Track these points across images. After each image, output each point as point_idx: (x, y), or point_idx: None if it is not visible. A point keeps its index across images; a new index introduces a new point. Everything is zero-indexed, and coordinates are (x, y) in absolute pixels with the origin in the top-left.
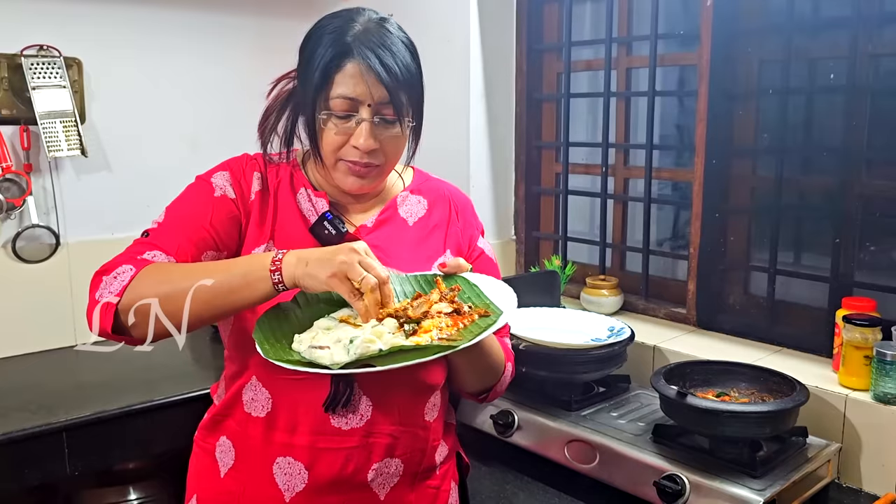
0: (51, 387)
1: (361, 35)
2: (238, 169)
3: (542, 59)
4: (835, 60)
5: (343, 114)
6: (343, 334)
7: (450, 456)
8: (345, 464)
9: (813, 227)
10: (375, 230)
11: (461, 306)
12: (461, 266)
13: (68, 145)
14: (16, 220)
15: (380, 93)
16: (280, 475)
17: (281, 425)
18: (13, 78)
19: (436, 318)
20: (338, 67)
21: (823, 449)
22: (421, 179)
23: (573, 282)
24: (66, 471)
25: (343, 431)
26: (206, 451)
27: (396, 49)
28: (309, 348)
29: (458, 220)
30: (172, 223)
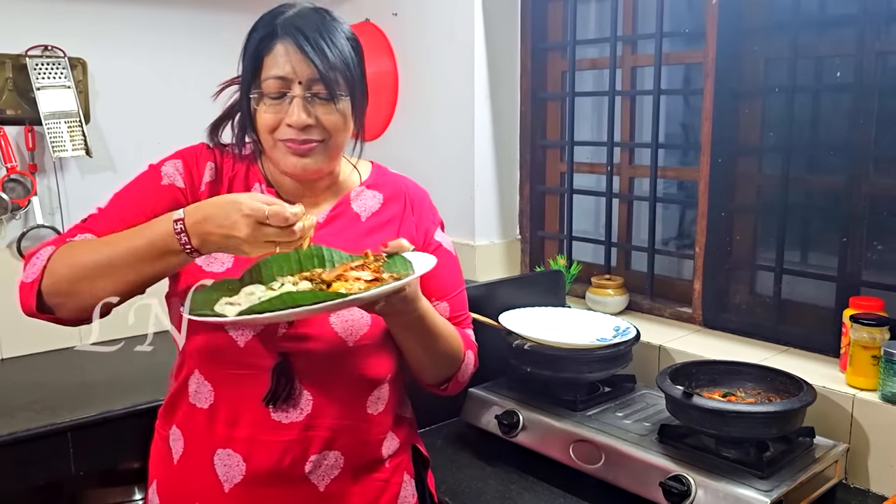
0: (56, 387)
1: (292, 18)
2: (191, 158)
3: (547, 57)
4: (841, 58)
5: (276, 93)
6: (257, 295)
7: (402, 449)
8: (281, 456)
9: (820, 225)
10: (326, 225)
11: (381, 274)
12: (402, 246)
13: (73, 145)
14: (21, 221)
15: (309, 70)
16: (220, 466)
17: (222, 418)
18: (18, 78)
19: (350, 281)
20: (267, 49)
21: (831, 449)
22: (378, 174)
23: (578, 281)
24: (72, 470)
25: (283, 425)
26: (162, 438)
27: (328, 32)
28: (224, 305)
29: (413, 214)
30: (113, 208)
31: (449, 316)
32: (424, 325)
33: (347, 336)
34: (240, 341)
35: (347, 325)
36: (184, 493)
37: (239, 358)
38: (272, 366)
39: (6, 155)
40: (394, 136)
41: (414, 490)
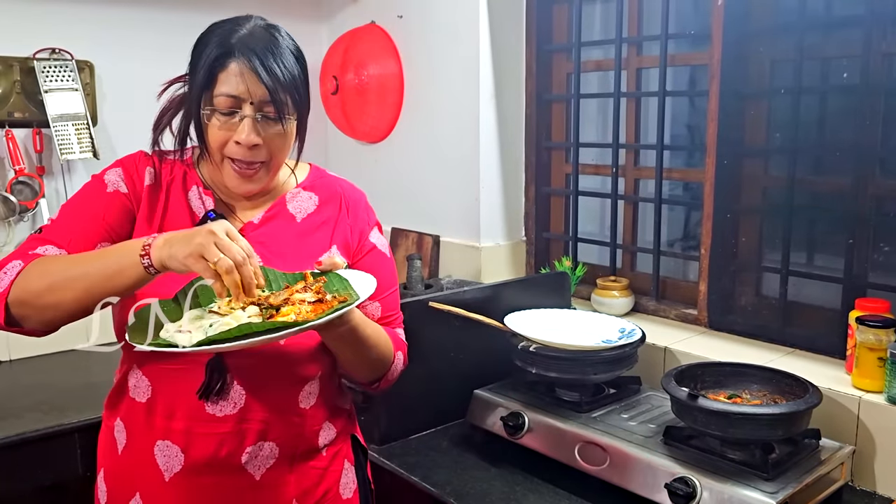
0: (63, 388)
1: (246, 37)
2: (131, 165)
3: (552, 59)
4: (848, 59)
5: (227, 110)
6: (207, 321)
7: (340, 438)
8: (218, 447)
9: (826, 227)
10: (261, 227)
11: (325, 296)
12: (335, 263)
13: (80, 147)
14: (28, 223)
15: (260, 91)
16: (160, 456)
17: (160, 411)
18: (26, 81)
19: (297, 304)
20: (222, 66)
21: (837, 451)
22: (316, 176)
23: (583, 283)
24: (78, 471)
25: (217, 418)
26: (109, 429)
27: (279, 52)
28: (173, 333)
29: (349, 216)
30: (66, 219)
31: (381, 315)
32: (356, 336)
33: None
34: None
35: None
36: (128, 481)
37: (174, 354)
38: (206, 361)
39: (14, 157)
40: (399, 138)
41: (354, 477)
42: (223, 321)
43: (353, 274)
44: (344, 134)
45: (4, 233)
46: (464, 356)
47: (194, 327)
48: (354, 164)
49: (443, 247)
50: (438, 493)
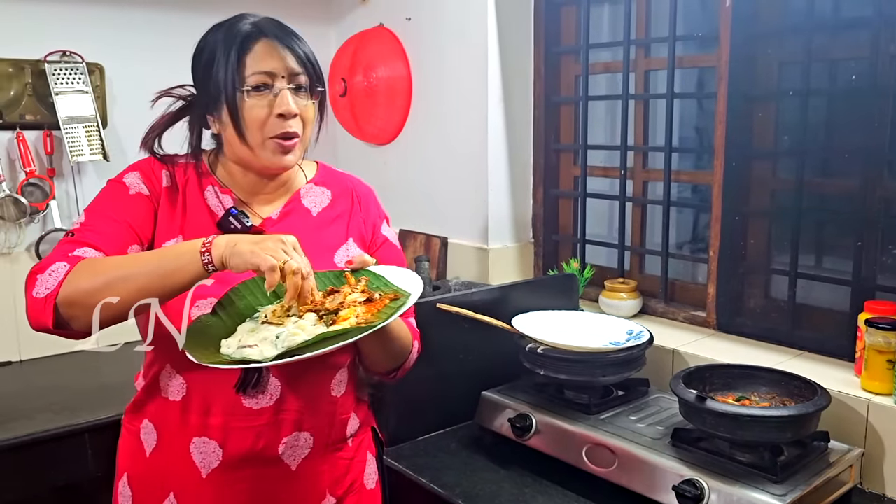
0: (74, 388)
1: (261, 21)
2: (147, 168)
3: (560, 61)
4: (856, 61)
5: (262, 87)
6: (268, 333)
7: (362, 429)
8: (256, 440)
9: (834, 229)
10: (280, 221)
11: (373, 294)
12: (366, 261)
13: (90, 150)
14: (39, 224)
15: (291, 64)
16: (196, 454)
17: (195, 408)
18: (37, 83)
19: (351, 307)
20: (248, 49)
21: (846, 454)
22: (325, 172)
23: (592, 285)
24: (90, 471)
25: (254, 411)
26: (131, 433)
27: (294, 33)
28: (238, 349)
29: (361, 209)
30: (95, 222)
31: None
32: (386, 329)
33: None
34: None
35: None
36: (160, 482)
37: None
38: None
39: (25, 159)
40: (407, 140)
41: (376, 468)
42: (289, 331)
43: (386, 270)
44: (352, 136)
45: (15, 234)
46: (472, 358)
47: (257, 340)
48: (363, 166)
49: (451, 248)
50: (447, 494)
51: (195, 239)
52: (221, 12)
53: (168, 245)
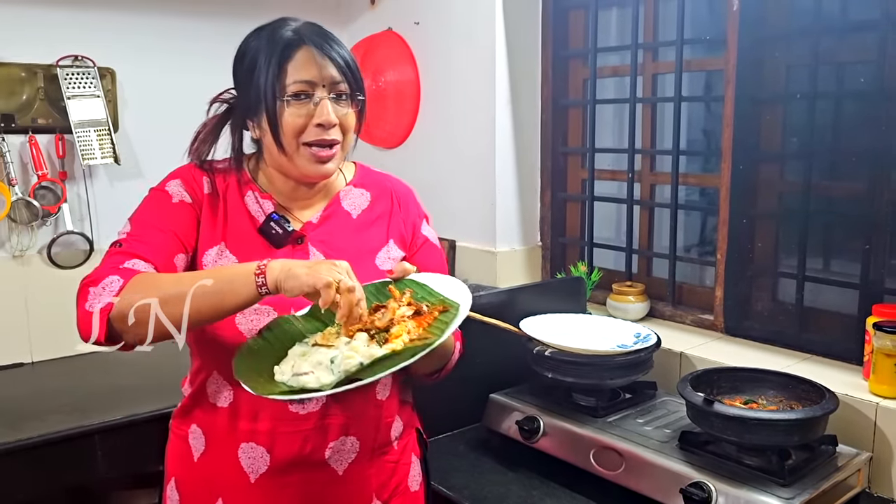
0: (85, 390)
1: (302, 28)
2: (188, 176)
3: (568, 65)
4: (863, 64)
5: (301, 95)
6: (321, 357)
7: (406, 431)
8: (303, 444)
9: (842, 232)
10: (321, 225)
11: (420, 307)
12: (407, 269)
13: (102, 153)
14: (51, 227)
15: (332, 73)
16: (245, 459)
17: (243, 414)
18: (49, 88)
19: (401, 323)
20: (289, 57)
21: (854, 458)
22: (363, 173)
23: (599, 288)
24: (100, 472)
25: (300, 416)
26: (180, 437)
27: (335, 39)
28: (293, 376)
29: (401, 210)
30: (141, 232)
31: None
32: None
33: None
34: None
35: None
36: (208, 487)
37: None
38: None
39: (37, 163)
40: (415, 143)
41: (420, 470)
42: (343, 355)
43: (429, 278)
44: (361, 139)
45: (27, 236)
46: (480, 360)
47: (311, 366)
48: None
49: (459, 251)
50: (456, 497)
51: (251, 262)
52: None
53: (210, 253)
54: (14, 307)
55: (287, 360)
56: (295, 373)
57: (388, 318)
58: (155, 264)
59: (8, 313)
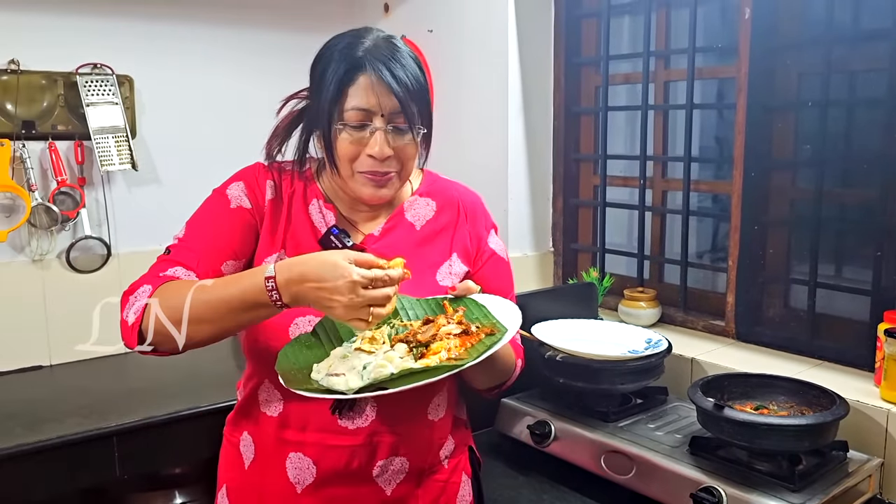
0: (103, 393)
1: (371, 49)
2: (252, 178)
3: (581, 72)
4: (875, 73)
5: (357, 124)
6: (357, 361)
7: (458, 450)
8: (350, 460)
9: (854, 239)
10: (382, 238)
11: (469, 326)
12: (470, 289)
13: (120, 159)
14: (70, 232)
15: (391, 103)
16: (292, 469)
17: (292, 424)
18: (69, 95)
19: (444, 339)
20: (350, 81)
21: (865, 464)
22: (430, 181)
23: (611, 294)
24: (116, 474)
25: (349, 431)
26: (232, 444)
27: (405, 62)
28: (326, 376)
29: (467, 221)
30: (192, 237)
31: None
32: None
33: None
34: None
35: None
36: (256, 495)
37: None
38: None
39: (57, 168)
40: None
41: (471, 489)
42: (376, 363)
43: (488, 299)
44: None
45: (47, 241)
46: None
47: (345, 368)
48: None
49: None
50: None
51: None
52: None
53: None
54: (33, 311)
55: (327, 360)
56: (329, 373)
57: (430, 333)
58: (197, 271)
59: (27, 316)
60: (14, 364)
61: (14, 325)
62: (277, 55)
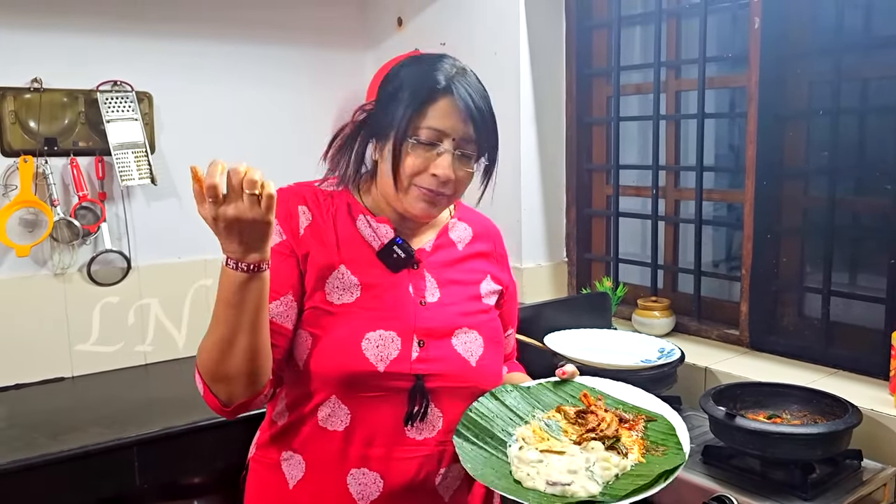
0: (124, 403)
1: (457, 76)
2: (281, 210)
3: (592, 83)
4: (888, 80)
5: (428, 142)
6: (567, 464)
7: None
8: (418, 471)
9: (868, 247)
10: (433, 253)
11: (622, 415)
12: (575, 372)
13: (139, 174)
14: (91, 246)
15: (466, 130)
16: (354, 485)
17: (358, 439)
18: (89, 112)
19: (625, 432)
20: (433, 100)
21: (879, 472)
22: (462, 209)
23: (625, 303)
24: (136, 484)
25: (418, 441)
26: (267, 467)
27: (484, 95)
28: (550, 485)
29: (496, 251)
30: None
31: (513, 343)
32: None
33: (469, 356)
34: (380, 367)
35: (467, 346)
36: None
37: (379, 382)
38: (409, 387)
39: (78, 184)
40: None
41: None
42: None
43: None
44: None
45: (69, 255)
46: None
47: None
48: None
49: None
50: None
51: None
52: (264, 43)
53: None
54: (55, 324)
55: (520, 464)
56: (550, 482)
57: (614, 427)
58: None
59: (50, 329)
60: (37, 376)
61: (37, 338)
62: (293, 70)
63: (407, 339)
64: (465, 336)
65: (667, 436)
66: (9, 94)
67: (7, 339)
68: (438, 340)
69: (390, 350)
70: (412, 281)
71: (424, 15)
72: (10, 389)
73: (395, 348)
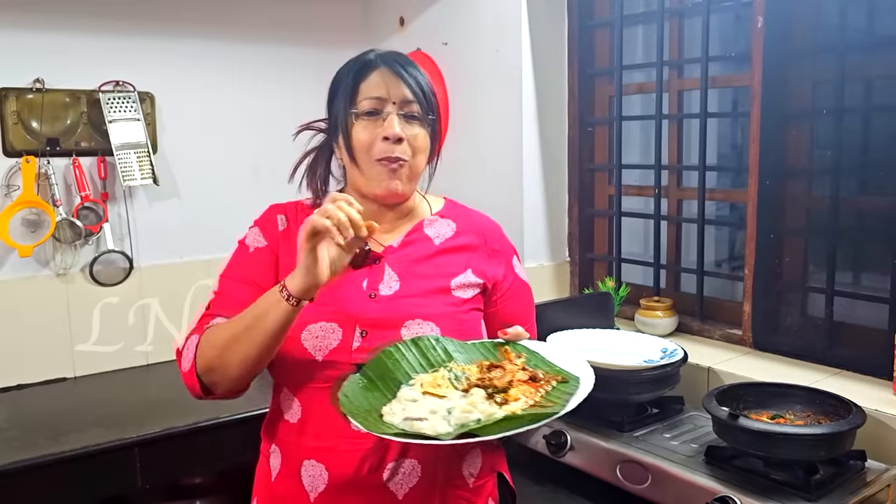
0: (125, 404)
1: (382, 54)
2: (264, 220)
3: (594, 83)
4: (892, 79)
5: (371, 110)
6: (435, 405)
7: (485, 471)
8: (360, 464)
9: (871, 247)
10: (401, 249)
11: (535, 373)
12: (520, 334)
13: (141, 175)
14: (93, 246)
15: (402, 92)
16: (305, 476)
17: (309, 430)
18: (92, 112)
19: (518, 386)
20: (365, 76)
21: (883, 473)
22: (452, 207)
23: (627, 303)
24: (138, 484)
25: (360, 434)
26: (265, 457)
27: (413, 65)
28: (405, 420)
29: (487, 246)
30: (224, 289)
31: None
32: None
33: None
34: (318, 356)
35: (417, 335)
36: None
37: (320, 372)
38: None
39: (80, 184)
40: (444, 161)
41: None
42: (461, 406)
43: (538, 345)
44: None
45: (71, 255)
46: None
47: (424, 412)
48: None
49: None
50: None
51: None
52: (267, 43)
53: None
54: (57, 324)
55: (397, 403)
56: (407, 417)
57: (507, 378)
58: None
59: (52, 329)
60: (39, 376)
61: (39, 338)
62: (295, 70)
63: (348, 329)
64: (418, 327)
65: (567, 395)
66: (11, 94)
67: (9, 339)
68: (384, 331)
69: (330, 340)
70: (369, 275)
71: (426, 14)
72: (12, 390)
73: (336, 339)
